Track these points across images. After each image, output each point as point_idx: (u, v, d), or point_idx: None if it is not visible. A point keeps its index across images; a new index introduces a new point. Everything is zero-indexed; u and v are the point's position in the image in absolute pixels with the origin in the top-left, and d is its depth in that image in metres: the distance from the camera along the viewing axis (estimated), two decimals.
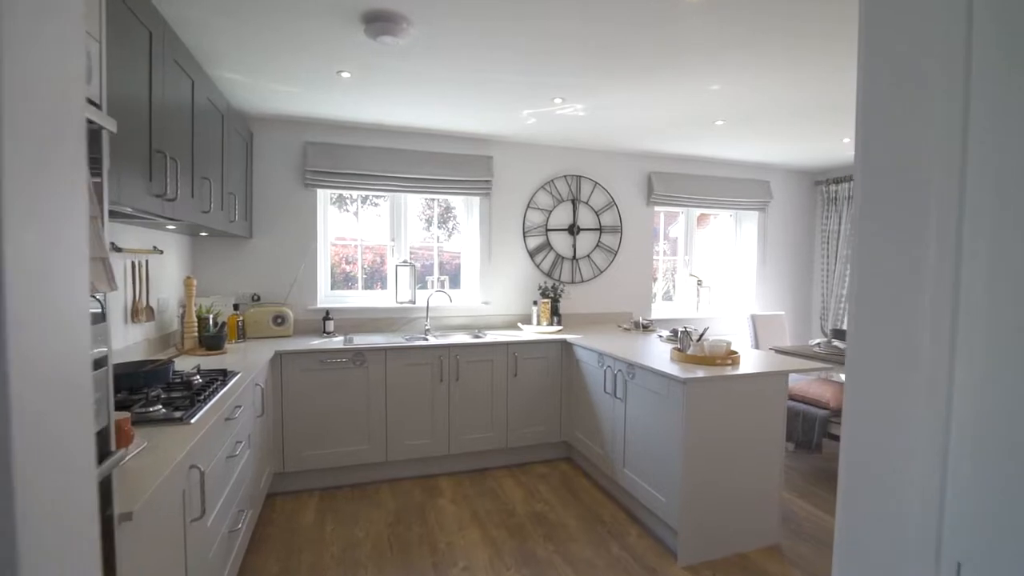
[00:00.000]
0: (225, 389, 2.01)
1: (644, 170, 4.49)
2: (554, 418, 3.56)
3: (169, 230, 2.70)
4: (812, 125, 3.50)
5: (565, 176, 4.20)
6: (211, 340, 2.81)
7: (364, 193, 3.89)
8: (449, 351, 3.29)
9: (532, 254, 4.13)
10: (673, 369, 2.48)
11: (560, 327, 3.81)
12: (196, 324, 2.84)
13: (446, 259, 4.19)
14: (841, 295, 4.80)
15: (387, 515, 2.83)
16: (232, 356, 2.76)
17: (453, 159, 3.83)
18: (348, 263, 3.97)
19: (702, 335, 2.76)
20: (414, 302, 3.86)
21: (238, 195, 3.06)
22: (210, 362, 2.57)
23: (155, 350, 2.73)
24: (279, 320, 3.40)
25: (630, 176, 4.44)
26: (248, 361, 2.62)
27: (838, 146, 4.06)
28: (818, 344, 3.85)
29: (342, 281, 3.95)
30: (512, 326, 4.01)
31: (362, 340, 3.33)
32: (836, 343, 3.75)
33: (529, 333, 3.69)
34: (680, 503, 2.36)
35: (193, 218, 2.25)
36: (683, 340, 2.81)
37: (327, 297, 3.79)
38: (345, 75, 2.67)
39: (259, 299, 3.51)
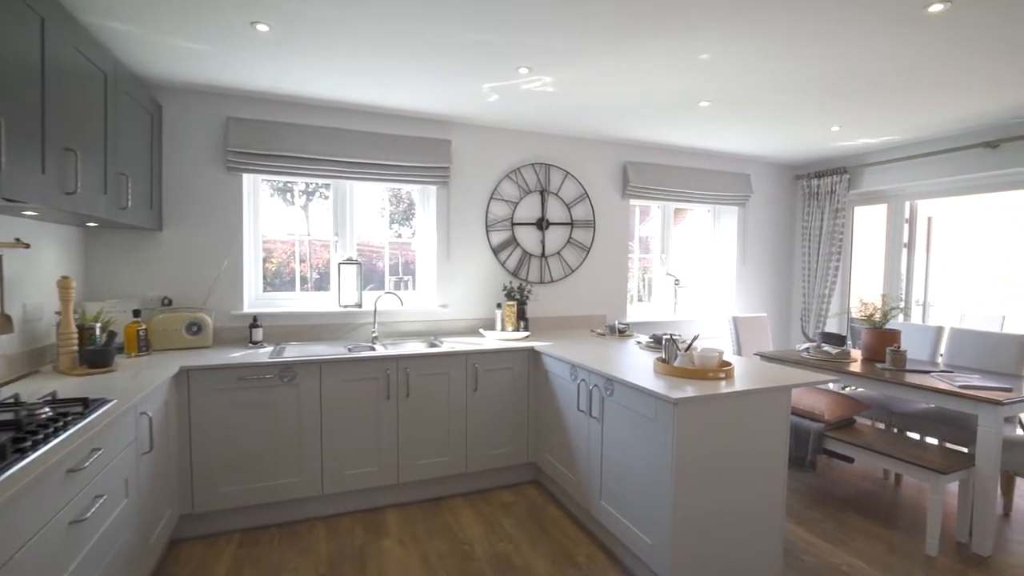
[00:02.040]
0: (75, 428, 1.49)
1: (619, 160, 4.11)
2: (520, 438, 3.13)
3: (30, 217, 2.13)
4: (802, 109, 3.17)
5: (533, 164, 3.77)
6: (94, 355, 2.26)
7: (304, 180, 3.37)
8: (398, 363, 2.82)
9: (496, 251, 3.69)
10: (659, 386, 2.08)
11: (527, 333, 3.38)
12: (76, 335, 2.28)
13: (412, 257, 3.70)
14: (824, 295, 4.54)
15: (318, 563, 2.34)
16: (121, 375, 2.22)
17: (406, 143, 3.36)
18: (300, 262, 3.45)
19: (691, 344, 2.38)
20: (360, 306, 3.36)
21: (137, 178, 2.51)
22: (82, 385, 2.03)
23: (19, 369, 2.16)
24: (194, 328, 2.86)
25: (604, 166, 4.06)
26: (139, 381, 2.09)
27: (824, 135, 3.77)
28: (806, 349, 3.54)
29: (288, 283, 3.41)
30: (473, 332, 3.56)
31: (295, 351, 2.82)
32: (826, 348, 3.45)
33: (492, 340, 3.25)
34: (670, 547, 1.96)
35: (48, 201, 1.72)
36: (668, 349, 2.43)
37: (257, 301, 3.26)
38: (261, 28, 2.17)
39: (170, 303, 2.96)
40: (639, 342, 3.25)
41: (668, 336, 2.47)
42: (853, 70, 2.55)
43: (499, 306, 3.47)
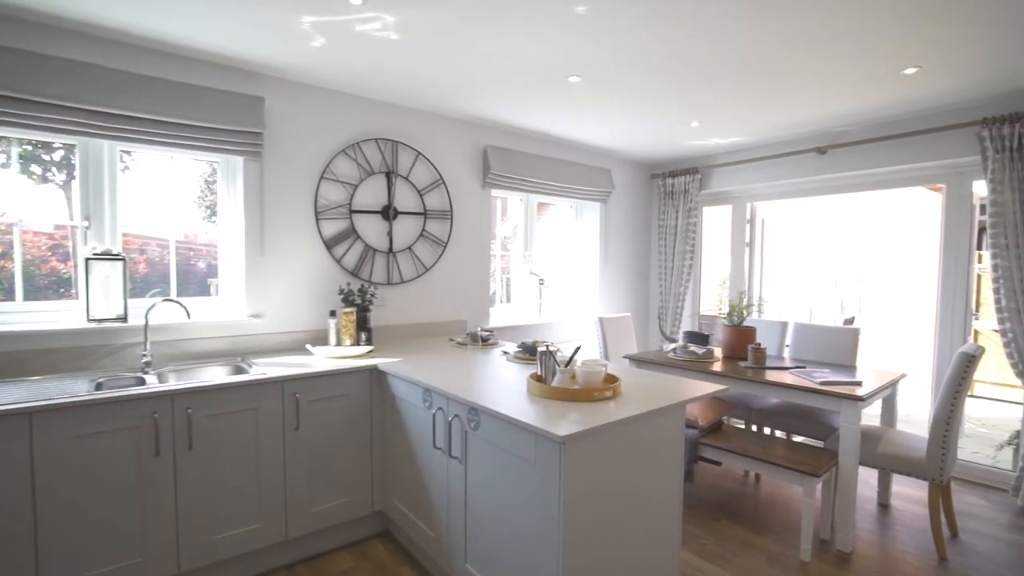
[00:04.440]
0: None
1: (479, 143, 3.62)
2: (362, 484, 2.45)
3: None
4: (668, 97, 2.99)
5: (376, 140, 3.09)
6: None
7: (32, 135, 2.27)
8: (174, 401, 1.95)
9: (330, 244, 2.94)
10: (538, 415, 1.60)
11: (370, 347, 2.70)
12: None
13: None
14: (680, 293, 4.58)
15: None
16: None
17: (196, 94, 2.45)
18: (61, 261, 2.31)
19: (572, 357, 1.94)
20: (125, 319, 2.37)
21: None
22: None
23: None
24: None
25: (462, 148, 3.53)
26: None
27: (684, 131, 3.71)
28: (673, 350, 3.42)
29: (50, 285, 2.26)
30: (297, 349, 2.77)
31: None
32: (692, 347, 3.34)
33: (322, 359, 2.51)
34: None
35: None
36: (545, 364, 1.97)
37: None
38: None
39: None
40: (506, 352, 2.78)
41: (544, 348, 2.01)
42: (719, 53, 2.36)
43: (333, 314, 2.74)
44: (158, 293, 2.61)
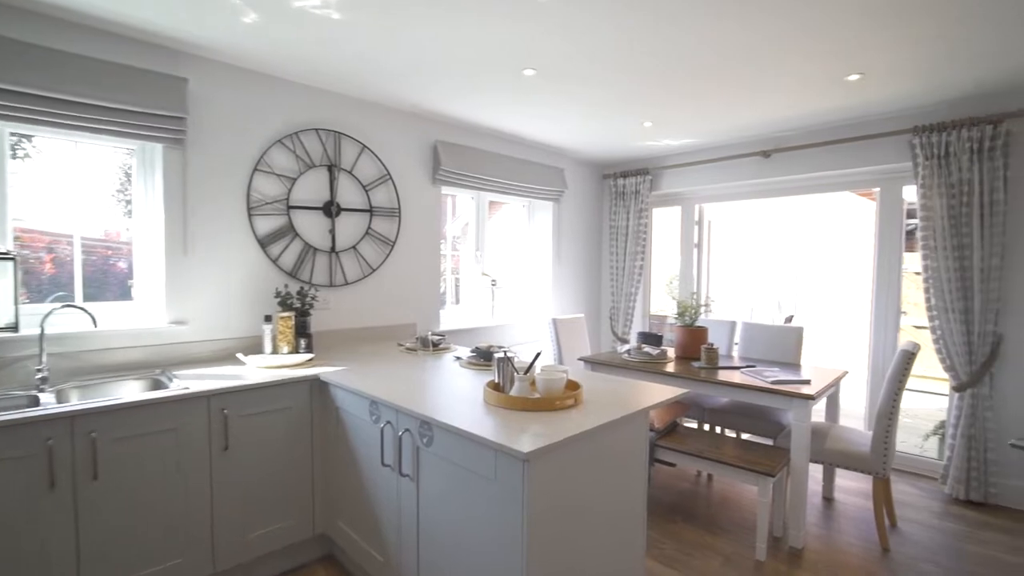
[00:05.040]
0: None
1: (429, 138, 3.45)
2: (302, 505, 2.24)
3: None
4: (624, 96, 2.95)
5: (318, 130, 2.87)
6: None
7: None
8: (73, 425, 1.68)
9: (265, 243, 2.69)
10: (497, 429, 1.48)
11: (310, 355, 2.48)
12: None
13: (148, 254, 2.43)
14: (631, 294, 4.59)
15: None
16: None
17: (108, 72, 2.15)
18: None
19: (532, 364, 1.83)
20: (16, 328, 2.05)
21: None
22: None
23: None
24: None
25: (411, 142, 3.35)
26: None
27: (636, 131, 3.70)
28: (628, 351, 3.39)
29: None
30: (227, 358, 2.51)
31: None
32: (646, 348, 3.33)
33: (256, 369, 2.28)
34: None
35: None
36: (503, 371, 1.85)
37: None
38: None
39: None
40: (458, 358, 2.64)
41: (502, 354, 1.89)
42: (677, 52, 2.33)
43: (268, 319, 2.50)
44: (61, 297, 2.29)
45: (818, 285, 6.97)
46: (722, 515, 2.80)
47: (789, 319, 6.66)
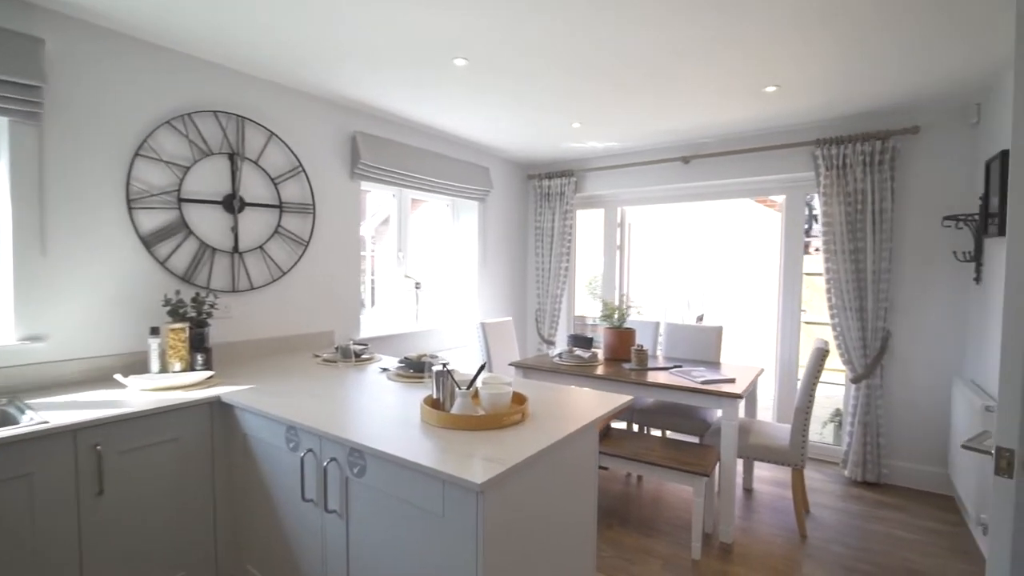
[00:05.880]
0: None
1: (347, 128, 3.16)
2: (204, 548, 1.90)
3: None
4: (560, 90, 2.88)
5: (216, 112, 2.50)
6: None
7: None
8: None
9: (149, 241, 2.28)
10: (441, 452, 1.31)
11: (209, 372, 2.14)
12: None
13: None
14: (557, 295, 4.57)
15: None
16: None
17: None
18: None
19: (476, 377, 1.67)
20: None
21: None
22: None
23: None
24: None
25: (327, 133, 3.05)
26: None
27: (564, 131, 3.66)
28: (559, 355, 3.34)
29: None
30: (102, 380, 2.09)
31: None
32: (578, 352, 3.29)
33: (138, 393, 1.90)
34: None
35: None
36: (442, 385, 1.68)
37: None
38: None
39: None
40: (385, 369, 2.42)
41: (440, 366, 1.72)
42: (614, 49, 2.29)
43: (155, 332, 2.12)
44: None
45: (723, 286, 7.46)
46: (655, 516, 2.83)
47: (700, 318, 7.05)
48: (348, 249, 3.21)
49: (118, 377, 2.00)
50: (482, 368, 1.70)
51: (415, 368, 2.25)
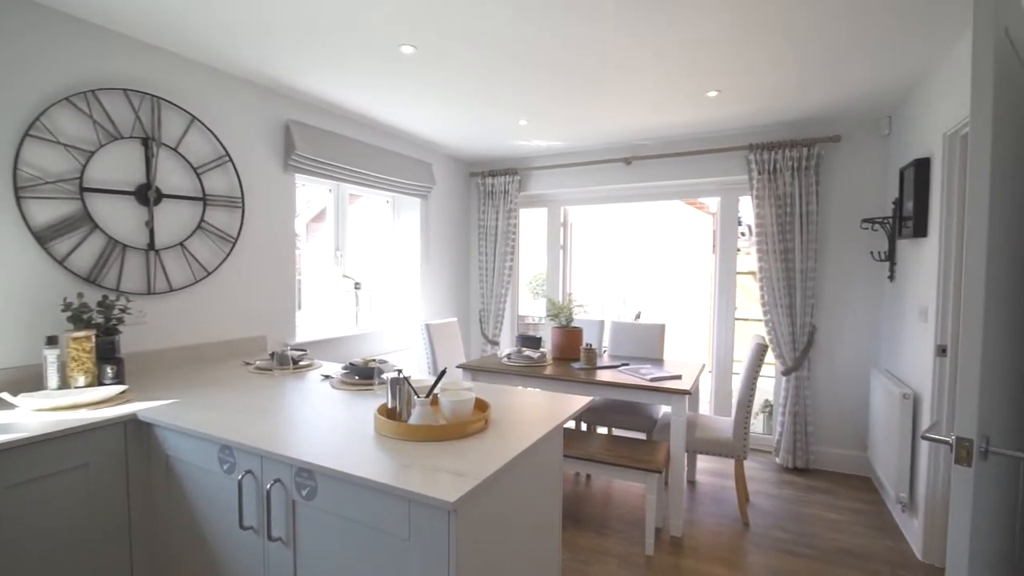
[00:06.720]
0: None
1: (280, 116, 2.92)
2: None
3: None
4: (509, 82, 2.81)
5: (126, 91, 2.20)
6: None
7: None
8: None
9: (44, 237, 1.97)
10: (403, 468, 1.20)
11: (122, 386, 1.87)
12: None
13: None
14: (502, 295, 4.51)
15: None
16: None
17: None
18: None
19: (436, 383, 1.57)
20: None
21: None
22: None
23: None
24: None
25: (257, 120, 2.80)
26: None
27: (511, 128, 3.60)
28: (508, 355, 3.28)
29: None
30: None
31: None
32: (527, 352, 3.25)
33: (31, 414, 1.62)
34: None
35: None
36: (398, 394, 1.56)
37: None
38: None
39: None
40: (327, 377, 2.24)
41: (396, 373, 1.60)
42: (564, 43, 2.26)
43: (52, 341, 1.82)
44: None
45: (656, 284, 7.73)
46: (607, 514, 2.84)
47: (638, 316, 7.26)
48: (281, 246, 2.97)
49: (5, 396, 1.69)
50: (443, 374, 1.59)
51: (362, 375, 2.10)
